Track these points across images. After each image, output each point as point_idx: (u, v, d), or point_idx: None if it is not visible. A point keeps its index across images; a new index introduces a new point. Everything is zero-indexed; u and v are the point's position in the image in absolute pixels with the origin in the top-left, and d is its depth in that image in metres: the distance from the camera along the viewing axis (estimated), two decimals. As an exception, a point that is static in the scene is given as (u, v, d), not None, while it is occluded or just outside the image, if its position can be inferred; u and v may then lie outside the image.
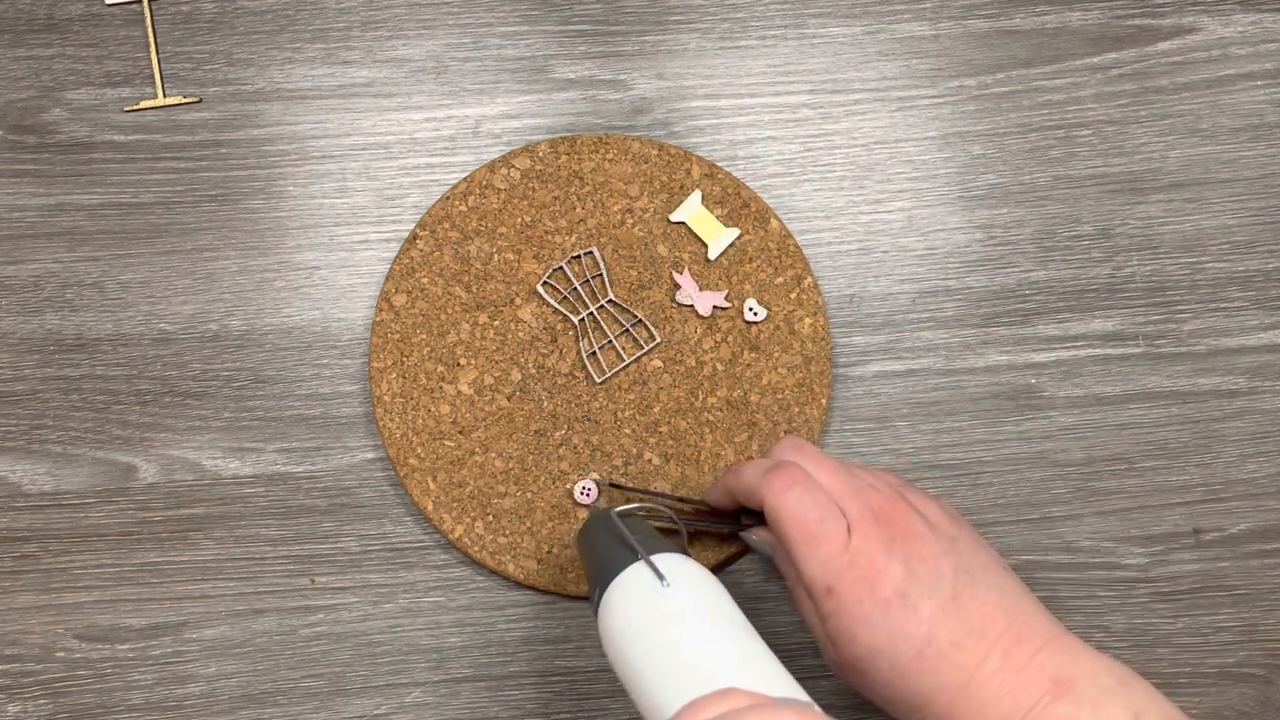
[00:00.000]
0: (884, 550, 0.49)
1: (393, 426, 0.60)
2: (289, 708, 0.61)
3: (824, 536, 0.49)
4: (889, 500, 0.51)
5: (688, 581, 0.48)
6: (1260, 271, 0.63)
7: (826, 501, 0.50)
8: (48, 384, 0.62)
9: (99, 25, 0.64)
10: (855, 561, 0.49)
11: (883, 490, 0.51)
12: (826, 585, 0.49)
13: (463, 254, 0.61)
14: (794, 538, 0.50)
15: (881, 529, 0.49)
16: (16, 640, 0.61)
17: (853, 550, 0.49)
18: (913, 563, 0.49)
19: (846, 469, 0.52)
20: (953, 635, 0.48)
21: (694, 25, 0.64)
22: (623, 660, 0.47)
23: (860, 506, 0.50)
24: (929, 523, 0.51)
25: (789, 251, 0.62)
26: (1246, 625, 0.61)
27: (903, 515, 0.50)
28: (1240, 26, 0.64)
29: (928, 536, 0.50)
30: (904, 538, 0.49)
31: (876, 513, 0.50)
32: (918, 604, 0.48)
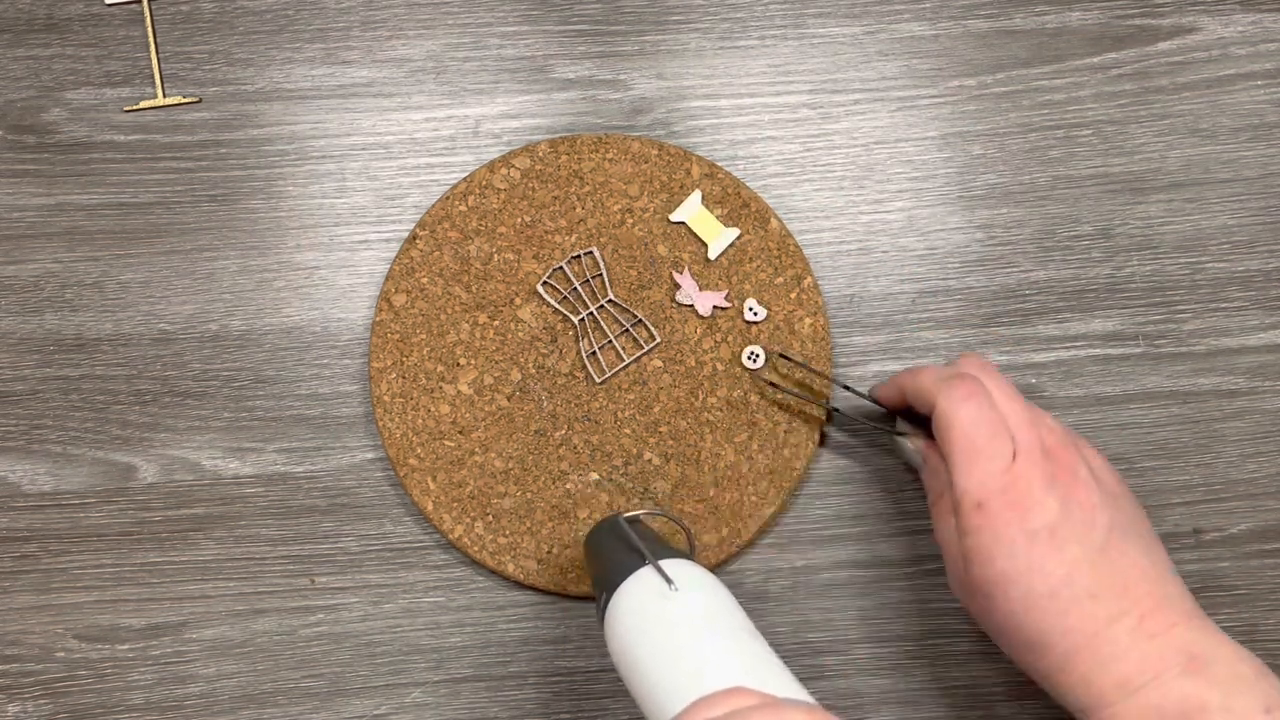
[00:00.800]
0: (1045, 483, 0.49)
1: (392, 426, 0.60)
2: (289, 708, 0.61)
3: (990, 453, 0.49)
4: (1061, 440, 0.51)
5: (695, 586, 0.48)
6: (1260, 271, 0.63)
7: (1000, 421, 0.50)
8: (47, 384, 0.62)
9: (99, 25, 0.64)
10: (1014, 484, 0.49)
11: (1058, 431, 0.51)
12: (978, 500, 0.49)
13: (463, 254, 0.61)
14: (959, 447, 0.50)
15: (1048, 464, 0.50)
16: (16, 640, 0.61)
17: (1014, 473, 0.49)
18: (1070, 504, 0.49)
19: (1026, 401, 0.52)
20: (1092, 585, 0.48)
21: (694, 25, 0.64)
22: (629, 664, 0.47)
23: (1032, 436, 0.50)
24: (1095, 473, 0.51)
25: (789, 251, 0.62)
26: (1246, 625, 0.61)
27: (1071, 457, 0.50)
28: (1240, 26, 0.64)
29: (1091, 485, 0.50)
30: (1067, 478, 0.50)
31: (1047, 447, 0.50)
32: (1065, 543, 0.48)
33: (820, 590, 0.61)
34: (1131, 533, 0.50)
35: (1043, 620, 0.48)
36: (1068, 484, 0.50)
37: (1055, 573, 0.48)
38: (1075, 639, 0.48)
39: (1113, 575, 0.48)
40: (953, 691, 0.61)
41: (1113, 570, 0.49)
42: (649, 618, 0.47)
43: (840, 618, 0.61)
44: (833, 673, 0.61)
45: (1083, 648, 0.48)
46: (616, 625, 0.48)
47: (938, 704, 0.61)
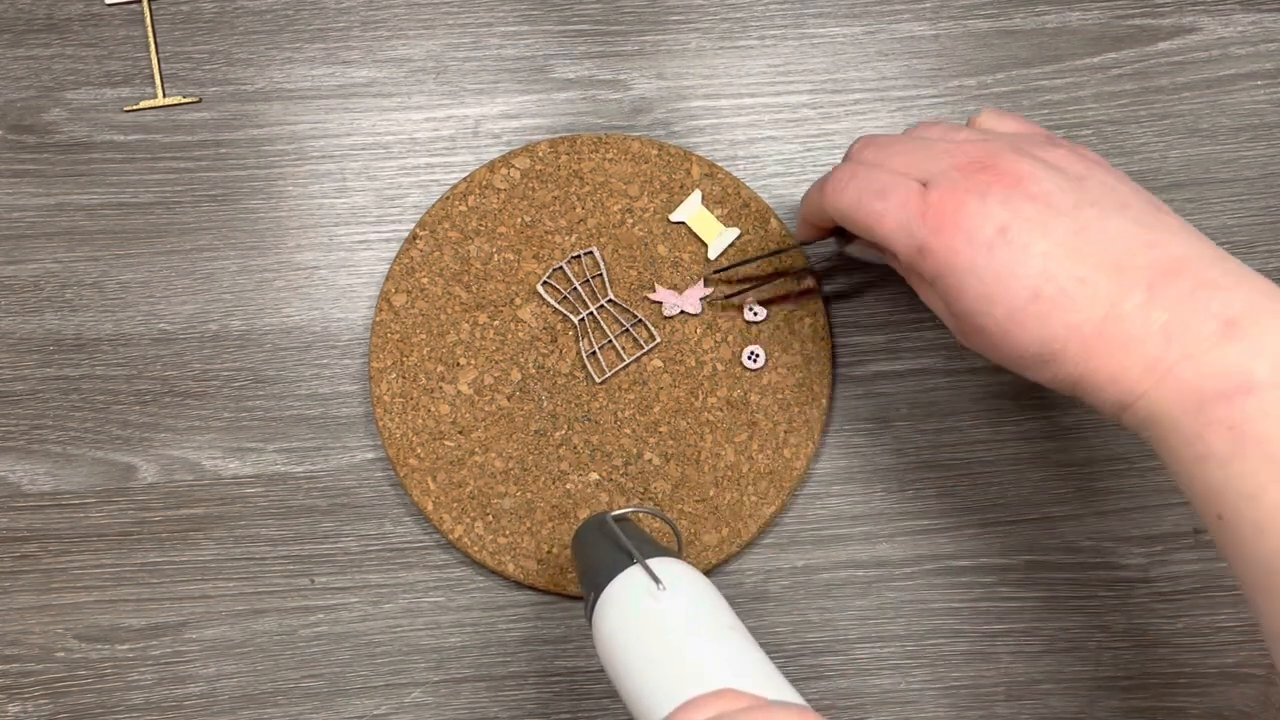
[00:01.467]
0: (976, 196, 0.44)
1: (392, 426, 0.60)
2: (289, 708, 0.61)
3: (892, 206, 0.46)
4: (983, 151, 0.46)
5: (683, 585, 0.47)
6: (1260, 271, 0.63)
7: (889, 177, 0.47)
8: (48, 384, 0.62)
9: (99, 25, 0.64)
10: (941, 213, 0.45)
11: (979, 145, 0.47)
12: (916, 246, 0.46)
13: (463, 254, 0.61)
14: (866, 224, 0.47)
15: (971, 178, 0.45)
16: (16, 640, 0.61)
17: (933, 204, 0.45)
18: (1015, 201, 0.44)
19: (924, 142, 0.48)
20: (1076, 270, 0.43)
21: (694, 25, 0.64)
22: (617, 664, 0.46)
23: (942, 166, 0.46)
24: (1047, 165, 0.45)
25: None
26: (1246, 625, 0.61)
27: (1002, 161, 0.45)
28: (1240, 26, 0.64)
29: (1039, 175, 0.45)
30: (1004, 181, 0.45)
31: (962, 166, 0.46)
32: (1027, 241, 0.43)
33: (820, 590, 0.61)
34: (1109, 204, 0.44)
35: (1041, 327, 0.43)
36: (1007, 185, 0.44)
37: (1028, 273, 0.43)
38: (1083, 333, 0.42)
39: (1098, 253, 0.43)
40: (953, 691, 0.61)
41: (1096, 248, 0.43)
42: (637, 618, 0.47)
43: (840, 618, 0.61)
44: (833, 673, 0.61)
45: (1094, 339, 0.42)
46: (604, 625, 0.48)
47: (938, 704, 0.61)
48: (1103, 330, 0.42)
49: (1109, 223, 0.43)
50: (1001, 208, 0.44)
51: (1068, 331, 0.43)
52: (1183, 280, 0.42)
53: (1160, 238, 0.43)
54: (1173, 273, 0.42)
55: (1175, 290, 0.42)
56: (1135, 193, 0.46)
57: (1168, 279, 0.42)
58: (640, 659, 0.45)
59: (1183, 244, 0.43)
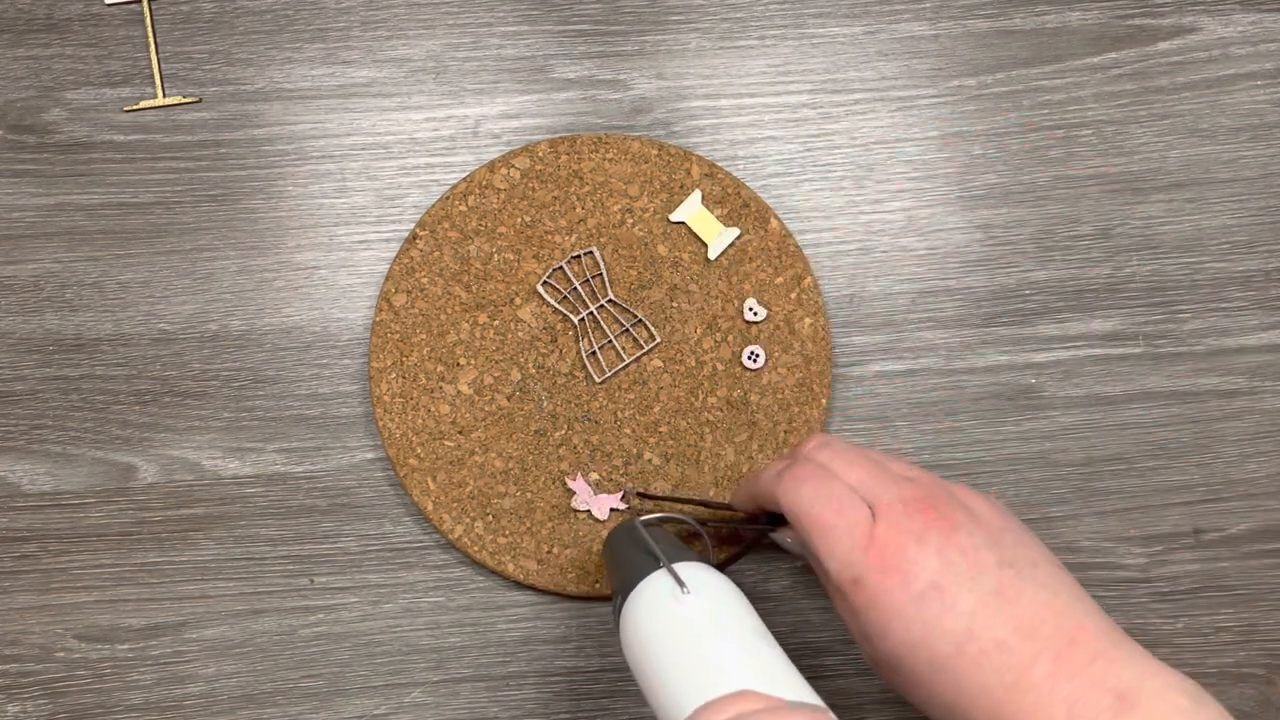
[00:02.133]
0: (915, 540, 0.46)
1: (392, 426, 0.60)
2: (288, 708, 0.61)
3: (843, 526, 0.47)
4: (925, 490, 0.48)
5: (708, 590, 0.48)
6: (1260, 271, 0.63)
7: (845, 493, 0.48)
8: (47, 384, 0.62)
9: (99, 25, 0.64)
10: (883, 552, 0.46)
11: (921, 482, 0.49)
12: (852, 577, 0.47)
13: (463, 254, 0.61)
14: (811, 531, 0.48)
15: (914, 519, 0.47)
16: (16, 640, 0.61)
17: (879, 540, 0.46)
18: (949, 553, 0.46)
19: (878, 464, 0.49)
20: (996, 633, 0.45)
21: (694, 25, 0.64)
22: (641, 666, 0.47)
23: (889, 496, 0.47)
24: (971, 514, 0.48)
25: (789, 251, 0.61)
26: (1246, 625, 0.61)
27: (939, 505, 0.47)
28: (1240, 26, 0.64)
29: (968, 527, 0.47)
30: (940, 528, 0.46)
31: (908, 503, 0.47)
32: (956, 597, 0.45)
33: (820, 590, 0.61)
34: (1024, 565, 0.46)
35: (957, 681, 0.45)
36: (943, 533, 0.46)
37: (954, 629, 0.45)
38: (994, 693, 0.45)
39: (1015, 617, 0.45)
40: (953, 691, 0.61)
41: (1014, 612, 0.45)
42: (661, 620, 0.47)
43: (840, 618, 0.61)
44: (833, 673, 0.61)
45: (1004, 701, 0.44)
46: (630, 627, 0.48)
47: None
48: (1012, 695, 0.44)
49: (1024, 586, 0.46)
50: (936, 558, 0.46)
51: (981, 690, 0.45)
52: (1081, 651, 0.45)
53: (1062, 604, 0.46)
54: (1074, 642, 0.45)
55: (1076, 661, 0.44)
56: (1039, 549, 0.48)
57: (1070, 649, 0.45)
58: (663, 660, 0.46)
59: (1080, 611, 0.46)
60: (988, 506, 0.49)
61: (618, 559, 0.53)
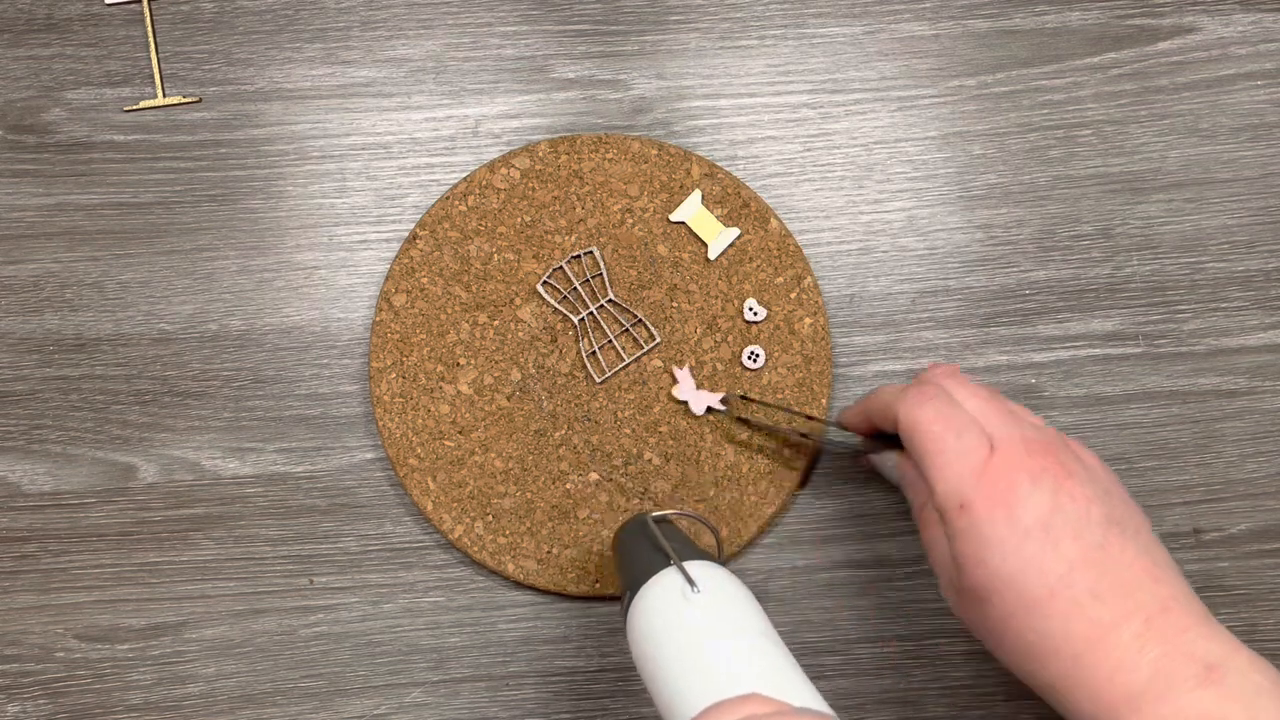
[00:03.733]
0: (1030, 478, 0.46)
1: (392, 426, 0.60)
2: (288, 708, 0.61)
3: (961, 449, 0.47)
4: (1044, 435, 0.48)
5: (718, 589, 0.48)
6: (1260, 271, 0.63)
7: (968, 419, 0.48)
8: (48, 384, 0.62)
9: (99, 25, 0.64)
10: (996, 481, 0.46)
11: (1042, 428, 0.48)
12: (961, 500, 0.46)
13: (463, 254, 0.61)
14: (929, 449, 0.47)
15: (1033, 458, 0.46)
16: (16, 640, 0.61)
17: (994, 469, 0.46)
18: (1060, 498, 0.45)
19: (1001, 398, 0.49)
20: (1094, 584, 0.44)
21: (694, 25, 0.64)
22: (648, 664, 0.47)
23: (1010, 433, 0.47)
24: (1086, 466, 0.47)
25: (789, 251, 0.62)
26: (1246, 625, 0.61)
27: (1057, 452, 0.47)
28: (1240, 26, 0.64)
29: (1082, 477, 0.46)
30: (1056, 471, 0.46)
31: (1028, 442, 0.47)
32: (1060, 539, 0.45)
33: (820, 590, 0.61)
34: (1130, 526, 0.46)
35: (1042, 623, 0.45)
36: (1057, 476, 0.46)
37: (1052, 570, 0.45)
38: (1078, 645, 0.44)
39: (1115, 574, 0.45)
40: (953, 691, 0.61)
41: (1115, 568, 0.45)
42: (670, 619, 0.47)
43: (840, 618, 0.61)
44: (833, 673, 0.61)
45: (1086, 654, 0.44)
46: (638, 625, 0.48)
47: (938, 704, 0.61)
48: (1098, 649, 0.44)
49: (1127, 545, 0.46)
50: (1049, 499, 0.45)
51: (1065, 638, 0.45)
52: (1174, 620, 0.44)
53: (1162, 573, 0.46)
54: (1168, 610, 0.45)
55: (1169, 626, 0.44)
56: (1143, 516, 0.48)
57: (1164, 616, 0.44)
58: (671, 660, 0.46)
59: (1175, 582, 0.46)
60: (1099, 464, 0.49)
61: (627, 555, 0.52)
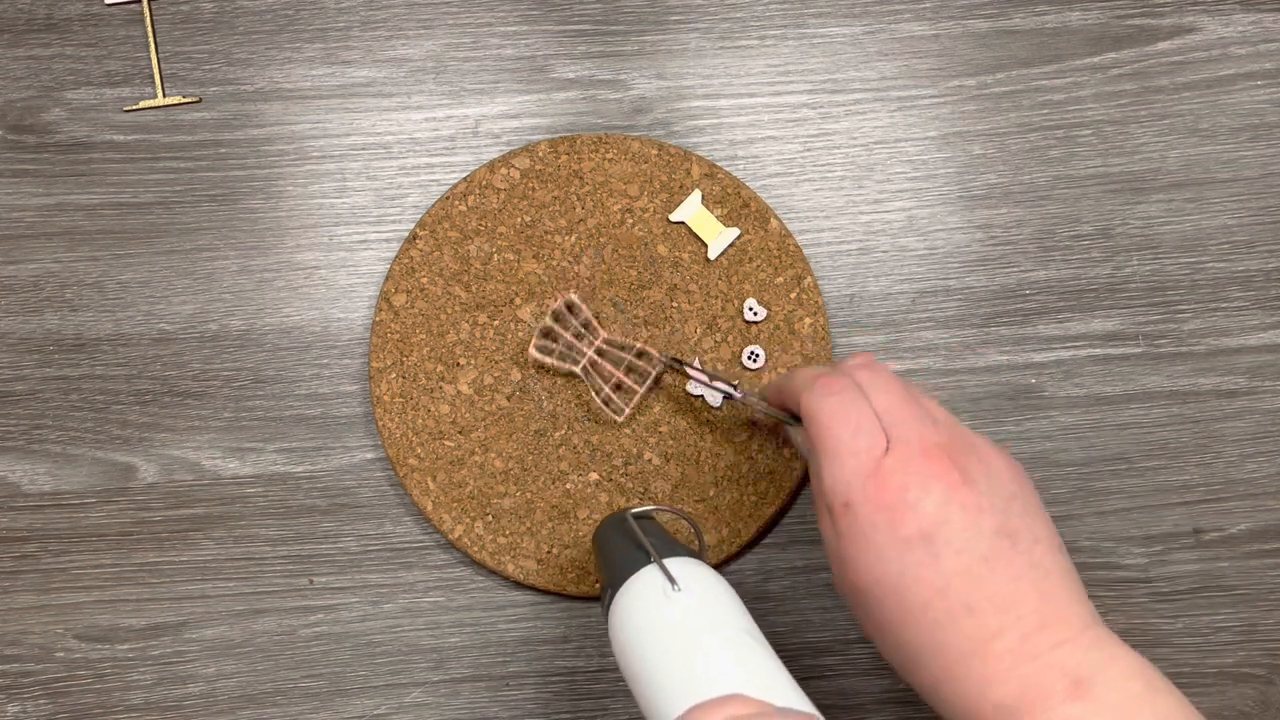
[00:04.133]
0: (920, 484, 0.44)
1: (392, 426, 0.60)
2: (289, 708, 0.61)
3: (853, 449, 0.46)
4: (947, 437, 0.46)
5: (699, 587, 0.47)
6: (1260, 271, 0.63)
7: (868, 416, 0.46)
8: (48, 384, 0.62)
9: (99, 25, 0.64)
10: (883, 484, 0.45)
11: (945, 427, 0.47)
12: (845, 500, 0.45)
13: (463, 254, 0.61)
14: (823, 444, 0.46)
15: (927, 463, 0.45)
16: (16, 640, 0.61)
17: (883, 471, 0.45)
18: (950, 507, 0.44)
19: (912, 399, 0.47)
20: (970, 598, 0.44)
21: (694, 25, 0.64)
22: (630, 663, 0.46)
23: (909, 435, 0.46)
24: (988, 473, 0.46)
25: (789, 251, 0.62)
26: (1246, 625, 0.61)
27: (957, 456, 0.45)
28: (1240, 26, 0.64)
29: (979, 486, 0.45)
30: (949, 481, 0.45)
31: (926, 445, 0.45)
32: (941, 552, 0.44)
33: (820, 590, 0.61)
34: (1023, 537, 0.45)
35: (917, 634, 0.44)
36: (950, 484, 0.45)
37: (930, 583, 0.44)
38: (950, 655, 0.44)
39: (995, 588, 0.44)
40: (953, 691, 0.61)
41: (996, 582, 0.44)
42: (651, 617, 0.47)
43: (840, 618, 0.61)
44: (833, 673, 0.61)
45: (958, 666, 0.44)
46: (619, 624, 0.47)
47: (938, 704, 0.61)
48: (969, 662, 0.44)
49: (1014, 560, 0.44)
50: (935, 508, 0.44)
51: (937, 649, 0.44)
52: (1051, 635, 0.44)
53: (1050, 587, 0.45)
54: (1046, 626, 0.44)
55: (1044, 640, 0.44)
56: (1045, 525, 0.46)
57: (1041, 632, 0.44)
58: (652, 659, 0.45)
59: (1065, 598, 0.45)
60: (1007, 468, 0.47)
61: (607, 552, 0.52)
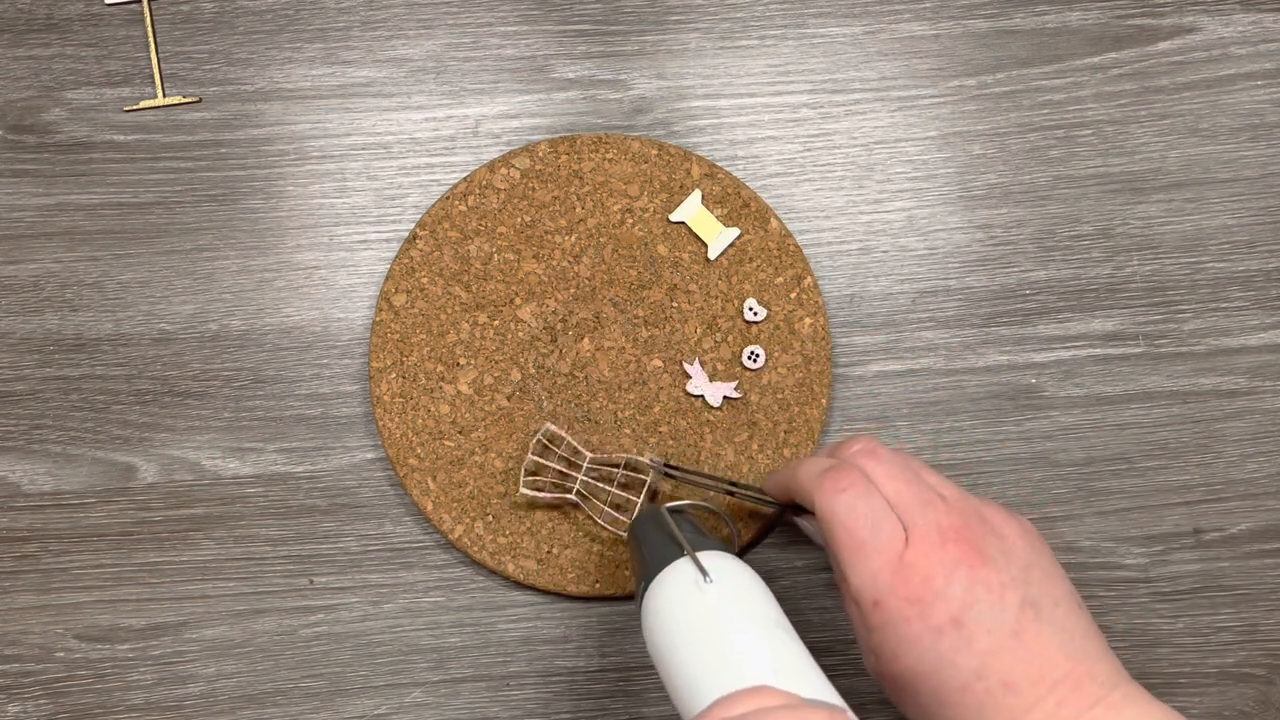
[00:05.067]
0: (944, 571, 0.46)
1: (392, 426, 0.60)
2: (289, 708, 0.61)
3: (875, 546, 0.47)
4: (961, 517, 0.47)
5: (731, 580, 0.48)
6: (1260, 271, 0.63)
7: (883, 509, 0.47)
8: (48, 384, 0.62)
9: (99, 25, 0.64)
10: (909, 578, 0.46)
11: (957, 507, 0.48)
12: (874, 598, 0.46)
13: (463, 254, 0.61)
14: (842, 543, 0.47)
15: (946, 549, 0.46)
16: (16, 640, 0.61)
17: (907, 565, 0.46)
18: (976, 589, 0.46)
19: (919, 480, 0.49)
20: (1006, 674, 0.45)
21: (694, 25, 0.64)
22: (662, 653, 0.47)
23: (926, 521, 0.47)
24: (1004, 546, 0.47)
25: (789, 251, 0.62)
26: (1246, 625, 0.61)
27: (974, 536, 0.47)
28: (1240, 26, 0.64)
29: (998, 562, 0.46)
30: (970, 561, 0.46)
31: (943, 530, 0.47)
32: (973, 635, 0.45)
33: (820, 590, 0.61)
34: (1045, 605, 0.47)
35: (958, 714, 0.46)
36: (971, 567, 0.46)
37: (965, 666, 0.45)
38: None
39: (1028, 660, 0.45)
40: (953, 691, 0.61)
41: (1027, 655, 0.45)
42: (683, 609, 0.47)
43: (840, 618, 0.61)
44: (833, 673, 0.61)
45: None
46: (652, 615, 0.48)
47: (938, 704, 0.61)
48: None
49: (1041, 628, 0.46)
50: (961, 593, 0.46)
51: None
52: (1084, 696, 0.45)
53: (1075, 647, 0.46)
54: (1079, 688, 0.45)
55: (1078, 704, 0.45)
56: (1062, 584, 0.48)
57: (1075, 694, 0.45)
58: (683, 650, 0.46)
59: (1092, 654, 0.46)
60: (1020, 536, 0.48)
61: (642, 545, 0.52)
